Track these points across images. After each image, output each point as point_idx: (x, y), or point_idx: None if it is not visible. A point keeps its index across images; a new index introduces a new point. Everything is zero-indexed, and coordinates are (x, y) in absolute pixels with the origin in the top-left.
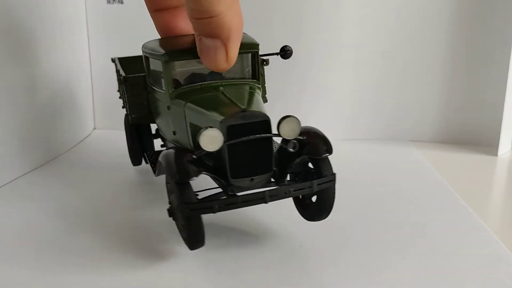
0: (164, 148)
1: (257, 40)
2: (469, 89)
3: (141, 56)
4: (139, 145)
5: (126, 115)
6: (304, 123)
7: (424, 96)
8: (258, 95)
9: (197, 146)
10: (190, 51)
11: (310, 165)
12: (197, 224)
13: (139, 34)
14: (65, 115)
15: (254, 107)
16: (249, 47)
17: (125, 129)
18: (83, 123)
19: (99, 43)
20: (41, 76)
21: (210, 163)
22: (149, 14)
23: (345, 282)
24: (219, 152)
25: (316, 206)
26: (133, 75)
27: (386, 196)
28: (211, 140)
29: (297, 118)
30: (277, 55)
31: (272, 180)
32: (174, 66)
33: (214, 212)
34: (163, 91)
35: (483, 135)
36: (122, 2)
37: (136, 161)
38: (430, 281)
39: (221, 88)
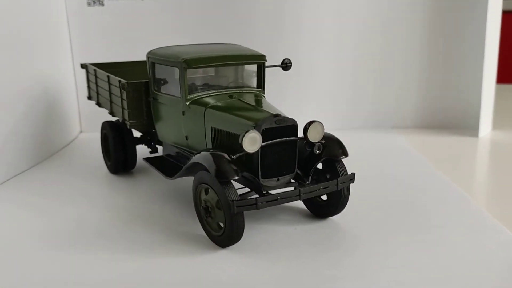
0: (153, 155)
1: (240, 37)
2: (448, 74)
3: (117, 62)
4: (122, 153)
5: (104, 123)
6: (286, 113)
7: (403, 83)
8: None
9: (235, 147)
10: (208, 59)
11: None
12: (241, 220)
13: (121, 36)
14: (51, 120)
15: (279, 112)
16: (256, 59)
17: (102, 138)
18: (69, 127)
19: (81, 45)
20: (24, 82)
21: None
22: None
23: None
24: (251, 154)
25: (330, 204)
26: (135, 81)
27: (375, 179)
28: (253, 141)
29: (321, 123)
30: (279, 67)
31: (292, 180)
32: (188, 73)
33: (258, 208)
34: (176, 97)
35: (463, 119)
36: (103, 4)
37: (116, 169)
38: (421, 252)
39: (234, 95)
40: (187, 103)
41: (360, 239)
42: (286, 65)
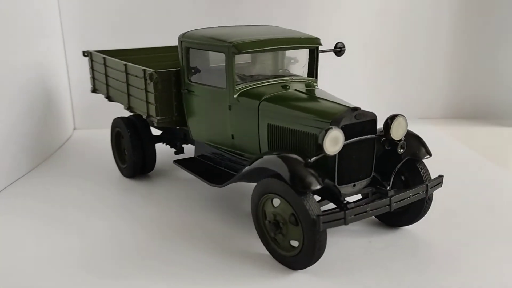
0: (179, 155)
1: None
2: (481, 63)
3: (121, 50)
4: (141, 154)
5: (117, 120)
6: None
7: (431, 70)
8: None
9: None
10: (260, 43)
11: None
12: (324, 239)
13: (115, 24)
14: (44, 118)
15: (351, 104)
16: (311, 42)
17: (113, 137)
18: (63, 125)
19: (73, 36)
20: (12, 75)
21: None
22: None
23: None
24: (327, 157)
25: (410, 211)
26: (164, 70)
27: None
28: (335, 141)
29: (405, 117)
30: (332, 51)
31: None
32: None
33: (346, 224)
34: (219, 88)
35: (496, 109)
36: None
37: (133, 173)
38: None
39: (288, 86)
40: (235, 96)
41: (449, 253)
42: (340, 49)
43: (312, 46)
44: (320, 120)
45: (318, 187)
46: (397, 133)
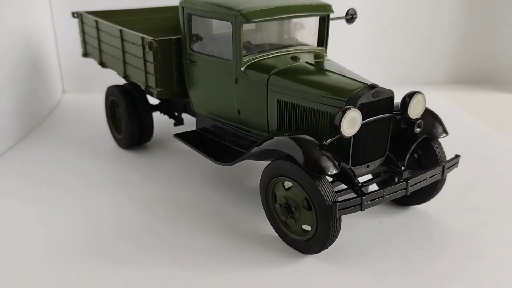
0: (179, 127)
1: None
2: (484, 27)
3: (113, 11)
4: (138, 124)
5: (111, 88)
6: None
7: (434, 37)
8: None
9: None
10: (270, 11)
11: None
12: (339, 225)
13: None
14: (31, 82)
15: (367, 80)
16: (322, 9)
17: (108, 106)
18: (51, 89)
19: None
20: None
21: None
22: None
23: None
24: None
25: (424, 190)
26: (164, 39)
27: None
28: (353, 123)
29: (423, 94)
30: (344, 19)
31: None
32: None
33: (362, 210)
34: (225, 60)
35: (499, 74)
36: None
37: (129, 144)
38: None
39: (298, 57)
40: (242, 68)
41: (462, 235)
42: (351, 16)
43: (324, 13)
44: (336, 98)
45: (335, 171)
46: (415, 111)
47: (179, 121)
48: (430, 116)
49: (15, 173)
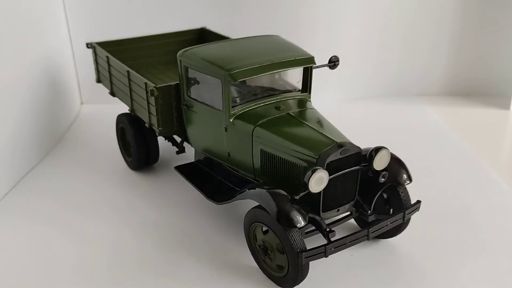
0: (181, 155)
1: None
2: (480, 39)
3: (127, 39)
4: (144, 149)
5: (121, 116)
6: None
7: (432, 47)
8: (321, 114)
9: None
10: (255, 70)
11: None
12: (307, 268)
13: (120, 12)
14: (52, 96)
15: (339, 136)
16: (304, 62)
17: (118, 132)
18: (70, 100)
19: (79, 25)
20: (22, 68)
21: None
22: None
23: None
24: None
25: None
26: (164, 85)
27: (415, 171)
28: (320, 182)
29: (387, 149)
30: (327, 66)
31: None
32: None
33: (326, 256)
34: (216, 109)
35: (494, 86)
36: None
37: (138, 167)
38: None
39: (282, 107)
40: (231, 119)
41: (425, 271)
42: (333, 63)
43: (306, 65)
44: (308, 155)
45: (302, 224)
46: (379, 165)
47: (181, 149)
48: (396, 164)
49: (34, 193)
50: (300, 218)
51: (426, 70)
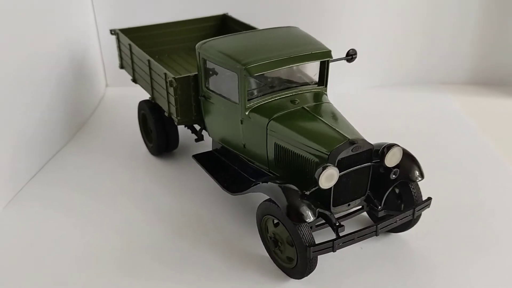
0: (199, 143)
1: None
2: (505, 27)
3: (149, 26)
4: (164, 136)
5: (142, 103)
6: (331, 70)
7: (456, 34)
8: (336, 108)
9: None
10: (272, 64)
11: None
12: (315, 261)
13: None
14: (79, 79)
15: (352, 132)
16: (321, 56)
17: (140, 118)
18: (96, 83)
19: (105, 8)
20: (50, 50)
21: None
22: None
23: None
24: None
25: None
26: (183, 76)
27: (430, 166)
28: (330, 178)
29: (400, 146)
30: (345, 59)
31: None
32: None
33: (334, 251)
34: (233, 102)
35: None
36: None
37: (158, 152)
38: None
39: (297, 101)
40: (246, 112)
41: (438, 261)
42: (351, 56)
43: (323, 59)
44: (320, 151)
45: (311, 219)
46: (391, 162)
47: (200, 138)
48: (408, 161)
49: (60, 180)
50: (309, 213)
51: (449, 57)
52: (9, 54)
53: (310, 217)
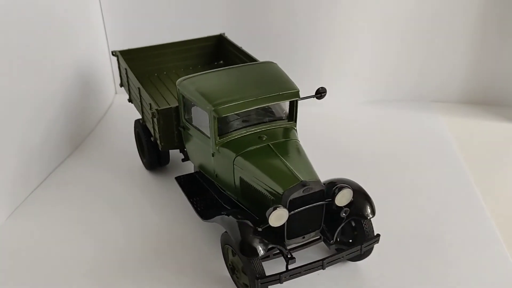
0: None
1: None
2: (501, 48)
3: (148, 47)
4: (155, 154)
5: (137, 122)
6: (324, 85)
7: (451, 54)
8: (300, 145)
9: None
10: (240, 105)
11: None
12: None
13: (156, 16)
14: (88, 87)
15: (307, 172)
16: (289, 96)
17: (136, 135)
18: (104, 91)
19: (115, 29)
20: (57, 59)
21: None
22: None
23: None
24: None
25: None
26: (165, 108)
27: (399, 190)
28: (279, 218)
29: (350, 188)
30: (314, 97)
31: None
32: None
33: (281, 283)
34: (206, 136)
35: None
36: None
37: (150, 167)
38: None
39: (264, 137)
40: (217, 148)
41: None
42: (320, 94)
43: (292, 99)
44: (275, 190)
45: (261, 254)
46: (340, 202)
47: (186, 158)
48: (361, 198)
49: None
50: (260, 248)
51: (443, 75)
52: (16, 64)
53: (260, 251)
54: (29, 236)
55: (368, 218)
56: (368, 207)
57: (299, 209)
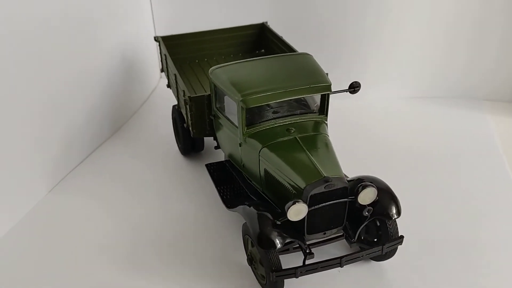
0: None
1: None
2: None
3: (190, 33)
4: (190, 140)
5: (174, 108)
6: (370, 78)
7: (500, 48)
8: (329, 140)
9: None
10: (269, 97)
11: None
12: (281, 283)
13: (202, 3)
14: (134, 73)
15: (332, 168)
16: (320, 90)
17: (173, 121)
18: (149, 76)
19: (162, 15)
20: (109, 52)
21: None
22: None
23: None
24: None
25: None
26: (198, 95)
27: (438, 194)
28: (298, 213)
29: (374, 187)
30: (347, 91)
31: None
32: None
33: (296, 277)
34: (235, 125)
35: None
36: None
37: (185, 153)
38: None
39: (293, 130)
40: (244, 138)
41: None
42: (354, 89)
43: (323, 93)
44: (297, 184)
45: (278, 247)
46: (363, 201)
47: (218, 146)
48: (387, 198)
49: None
50: (277, 241)
51: (496, 73)
52: (67, 44)
53: (277, 244)
54: (66, 211)
55: (393, 218)
56: (393, 208)
57: (319, 205)
